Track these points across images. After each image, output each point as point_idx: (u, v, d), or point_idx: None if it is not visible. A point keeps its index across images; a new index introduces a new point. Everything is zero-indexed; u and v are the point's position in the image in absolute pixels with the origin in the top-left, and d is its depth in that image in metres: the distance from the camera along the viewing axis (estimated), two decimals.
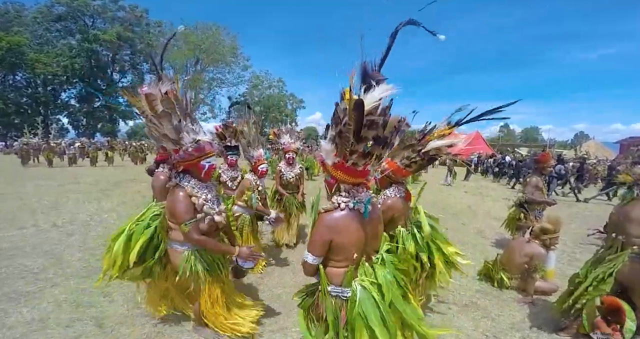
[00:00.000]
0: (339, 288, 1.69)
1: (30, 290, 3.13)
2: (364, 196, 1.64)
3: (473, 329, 2.80)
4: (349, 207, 1.61)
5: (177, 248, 2.22)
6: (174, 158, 2.10)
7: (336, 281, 1.69)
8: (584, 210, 9.06)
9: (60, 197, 7.88)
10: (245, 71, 41.22)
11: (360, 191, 1.65)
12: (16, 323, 2.59)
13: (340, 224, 1.60)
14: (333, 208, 1.63)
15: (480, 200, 10.06)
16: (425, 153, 2.54)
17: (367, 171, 1.58)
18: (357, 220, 1.62)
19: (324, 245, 1.63)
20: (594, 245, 5.38)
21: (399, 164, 2.65)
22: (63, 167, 16.08)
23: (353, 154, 1.49)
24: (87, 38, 38.51)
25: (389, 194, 2.68)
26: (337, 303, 1.69)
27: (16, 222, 5.51)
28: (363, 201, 1.63)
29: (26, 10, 39.64)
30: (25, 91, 39.16)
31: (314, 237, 1.65)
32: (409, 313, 1.68)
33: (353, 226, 1.61)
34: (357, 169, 1.54)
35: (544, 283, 3.47)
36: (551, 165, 4.72)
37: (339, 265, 1.67)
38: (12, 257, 3.95)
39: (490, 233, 5.88)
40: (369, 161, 1.52)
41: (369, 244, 1.72)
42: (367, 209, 1.63)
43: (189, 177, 2.16)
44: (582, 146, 29.84)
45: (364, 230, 1.64)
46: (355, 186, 1.65)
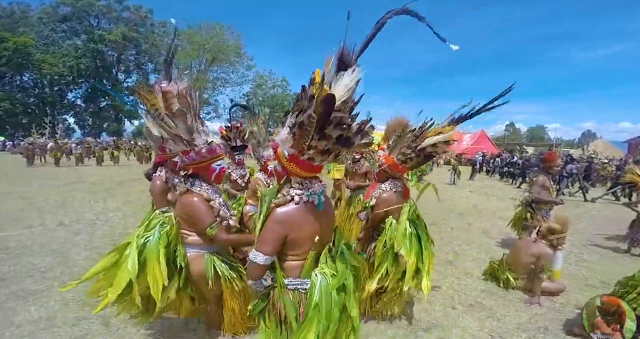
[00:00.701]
0: (297, 280, 1.58)
1: (38, 289, 3.17)
2: (317, 188, 1.57)
3: (479, 330, 2.78)
4: (302, 200, 1.52)
5: (197, 252, 2.13)
6: (183, 160, 2.02)
7: (293, 273, 1.59)
8: (592, 210, 8.96)
9: (67, 197, 7.96)
10: (249, 71, 41.33)
11: (313, 183, 1.57)
12: (24, 322, 2.62)
13: (295, 219, 1.52)
14: (285, 202, 1.53)
15: (486, 199, 10.00)
16: (421, 150, 2.53)
17: (321, 166, 1.53)
18: (311, 213, 1.55)
19: (278, 242, 1.52)
20: (601, 246, 5.33)
21: (395, 159, 2.65)
22: (69, 166, 16.24)
23: (311, 149, 1.40)
24: (93, 38, 38.87)
25: (384, 187, 2.70)
26: (295, 297, 1.58)
27: (23, 221, 5.58)
28: (317, 193, 1.56)
29: (32, 11, 40.12)
30: (32, 91, 39.65)
31: (265, 234, 1.53)
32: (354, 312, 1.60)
33: (308, 219, 1.54)
34: (313, 164, 1.47)
35: (551, 283, 3.44)
36: (558, 164, 4.65)
37: (296, 258, 1.58)
38: (19, 256, 3.99)
39: (496, 233, 5.84)
40: (326, 157, 1.45)
41: (324, 236, 1.64)
42: (320, 201, 1.57)
43: (200, 181, 2.08)
44: (590, 145, 29.46)
45: (319, 222, 1.58)
46: (308, 179, 1.57)
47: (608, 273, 4.12)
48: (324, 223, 1.62)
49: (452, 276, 3.82)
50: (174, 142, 1.94)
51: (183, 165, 2.06)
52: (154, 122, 2.00)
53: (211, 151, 2.04)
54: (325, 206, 1.63)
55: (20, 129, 37.96)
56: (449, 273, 3.90)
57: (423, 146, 2.51)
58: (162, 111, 1.86)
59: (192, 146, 1.97)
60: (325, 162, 1.50)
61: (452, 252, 4.66)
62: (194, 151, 1.98)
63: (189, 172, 2.09)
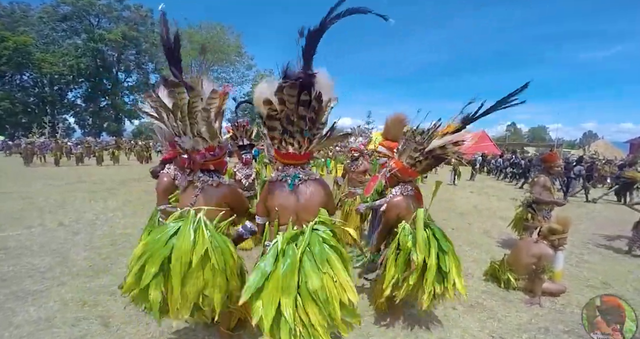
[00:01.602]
0: (268, 242, 2.03)
1: (37, 289, 3.16)
2: (291, 172, 2.01)
3: (479, 330, 2.77)
4: (278, 179, 2.03)
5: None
6: (206, 157, 2.04)
7: (270, 237, 2.07)
8: (593, 210, 8.93)
9: (67, 197, 7.95)
10: (249, 70, 41.34)
11: (289, 168, 2.03)
12: (23, 322, 2.61)
13: (270, 191, 2.05)
14: (270, 180, 2.11)
15: (486, 200, 9.98)
16: (430, 152, 2.49)
17: (292, 154, 1.95)
18: (283, 190, 2.01)
19: (262, 206, 2.13)
20: (602, 247, 5.32)
21: (404, 163, 2.62)
22: (70, 166, 16.23)
23: (273, 140, 1.93)
24: (93, 38, 38.82)
25: (395, 192, 2.68)
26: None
27: (23, 221, 5.57)
28: (290, 176, 2.00)
29: (32, 10, 40.06)
30: (32, 91, 39.61)
31: (259, 200, 2.22)
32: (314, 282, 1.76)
33: (279, 194, 2.01)
34: (281, 151, 1.96)
35: (552, 284, 3.43)
36: (559, 165, 4.63)
37: (271, 224, 2.07)
38: (19, 256, 3.98)
39: (497, 233, 5.82)
40: (286, 146, 1.92)
41: (300, 214, 2.00)
42: (292, 183, 1.99)
43: (219, 174, 2.19)
44: (591, 145, 29.39)
45: (288, 199, 1.99)
46: (286, 165, 2.03)
47: (609, 274, 4.11)
48: (297, 201, 2.00)
49: None
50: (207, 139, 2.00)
51: (203, 161, 2.06)
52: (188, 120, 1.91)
53: (226, 146, 2.22)
54: (302, 189, 2.01)
55: (20, 129, 37.94)
56: None
57: (431, 148, 2.48)
58: (214, 110, 1.94)
59: (220, 143, 2.09)
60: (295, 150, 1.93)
61: None
62: (219, 147, 2.08)
63: (211, 167, 2.13)
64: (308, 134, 1.88)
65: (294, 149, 1.93)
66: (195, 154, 2.02)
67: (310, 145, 1.95)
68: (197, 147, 2.00)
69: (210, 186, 2.10)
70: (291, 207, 1.98)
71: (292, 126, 1.83)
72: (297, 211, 1.99)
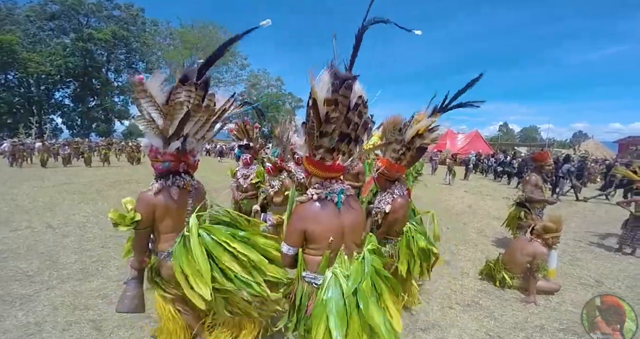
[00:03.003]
0: (312, 274, 1.71)
1: (25, 293, 3.06)
2: (337, 188, 1.69)
3: (476, 329, 2.78)
4: (320, 197, 1.66)
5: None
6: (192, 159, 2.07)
7: (311, 267, 1.72)
8: (584, 209, 9.10)
9: (55, 198, 7.77)
10: (243, 70, 41.17)
11: (332, 183, 1.70)
12: (11, 327, 2.53)
13: (313, 214, 1.65)
14: (307, 200, 1.68)
15: (480, 199, 10.08)
16: (410, 143, 2.50)
17: (338, 166, 1.63)
18: (330, 210, 1.66)
19: (298, 235, 1.68)
20: (594, 245, 5.41)
21: (389, 159, 2.63)
22: (57, 167, 15.88)
23: (319, 149, 1.58)
24: (82, 37, 38.14)
25: (397, 193, 2.66)
26: (308, 289, 1.72)
27: (9, 223, 5.40)
28: (335, 192, 1.67)
29: (19, 9, 39.18)
30: (17, 91, 38.57)
31: (289, 227, 1.75)
32: (376, 318, 1.60)
33: (325, 216, 1.65)
34: (325, 163, 1.61)
35: (546, 282, 3.47)
36: (550, 163, 4.70)
37: (315, 253, 1.70)
38: (5, 259, 3.86)
39: (491, 232, 5.88)
40: (336, 156, 1.60)
41: (348, 236, 1.72)
42: (340, 200, 1.67)
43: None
44: (581, 145, 29.95)
45: (338, 220, 1.67)
46: (328, 179, 1.69)
47: (602, 272, 4.18)
48: (346, 222, 1.70)
49: (448, 276, 3.82)
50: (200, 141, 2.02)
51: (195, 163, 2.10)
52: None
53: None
54: (348, 207, 1.72)
55: (5, 129, 37.01)
56: (446, 273, 3.90)
57: (409, 138, 2.49)
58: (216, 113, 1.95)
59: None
60: (339, 161, 1.62)
61: (448, 252, 4.67)
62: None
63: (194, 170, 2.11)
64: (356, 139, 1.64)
65: (343, 159, 1.64)
66: (190, 155, 1.99)
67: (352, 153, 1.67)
68: (192, 148, 1.97)
69: (197, 188, 2.10)
70: (340, 231, 1.69)
71: (351, 131, 1.56)
72: (345, 234, 1.71)
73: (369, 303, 1.62)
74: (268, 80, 42.10)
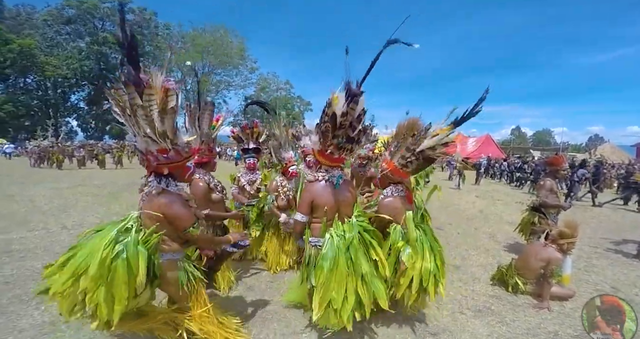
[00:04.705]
0: (316, 239, 2.34)
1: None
2: (336, 173, 2.37)
3: (488, 335, 2.73)
4: (325, 179, 2.35)
5: (172, 258, 2.03)
6: (158, 160, 1.89)
7: (316, 233, 2.36)
8: (599, 214, 8.85)
9: (70, 200, 7.95)
10: (252, 73, 41.53)
11: (334, 170, 2.37)
12: (27, 326, 2.59)
13: (318, 190, 2.33)
14: (314, 179, 2.38)
15: (492, 204, 9.90)
16: (420, 153, 2.51)
17: (340, 158, 2.31)
18: (330, 189, 2.34)
19: (307, 205, 2.34)
20: (610, 251, 5.26)
21: (396, 164, 2.62)
22: (72, 169, 16.26)
23: (330, 146, 2.23)
24: (97, 41, 39.10)
25: (386, 193, 2.71)
26: (314, 252, 2.32)
27: (27, 224, 5.56)
28: (335, 176, 2.35)
29: (37, 13, 40.41)
30: (35, 94, 39.77)
31: (302, 200, 2.42)
32: (364, 267, 2.22)
33: (327, 192, 2.32)
34: (333, 156, 2.28)
35: (560, 288, 3.39)
36: (565, 168, 4.60)
37: (317, 221, 2.36)
38: (22, 259, 3.97)
39: (503, 237, 5.77)
40: (342, 152, 2.27)
41: (343, 210, 2.38)
42: (338, 182, 2.35)
43: (173, 181, 2.00)
44: (597, 149, 29.22)
45: (335, 196, 2.33)
46: (332, 167, 2.36)
47: (618, 278, 4.07)
48: (341, 198, 2.37)
49: (459, 281, 3.77)
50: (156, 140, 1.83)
51: (156, 164, 1.90)
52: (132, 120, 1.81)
53: (190, 150, 2.04)
54: (343, 188, 2.39)
55: (23, 132, 38.09)
56: (457, 278, 3.85)
57: (421, 149, 2.49)
58: (155, 107, 1.77)
59: (174, 145, 1.89)
60: (344, 155, 2.30)
61: (459, 257, 4.61)
62: (174, 150, 1.90)
63: (165, 172, 1.94)
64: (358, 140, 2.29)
65: (345, 155, 2.29)
66: (149, 155, 1.88)
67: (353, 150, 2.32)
68: (148, 148, 1.86)
69: (151, 193, 1.94)
70: (336, 204, 2.33)
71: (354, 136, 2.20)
72: (340, 207, 2.36)
73: (358, 254, 2.22)
74: (277, 83, 42.34)
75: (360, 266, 2.20)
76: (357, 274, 2.19)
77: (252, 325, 2.70)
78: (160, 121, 1.79)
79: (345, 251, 2.19)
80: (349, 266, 2.18)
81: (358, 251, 2.22)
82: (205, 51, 36.64)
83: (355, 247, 2.22)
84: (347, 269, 2.17)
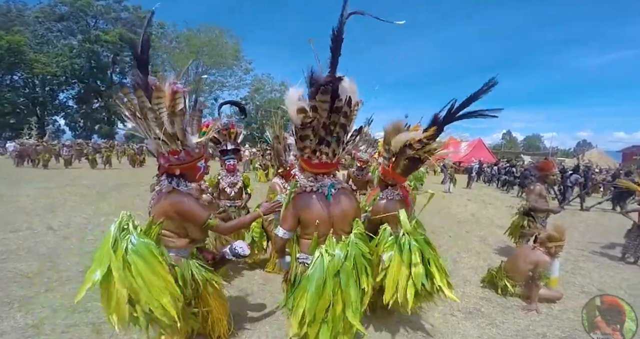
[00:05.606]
0: (304, 255, 2.01)
1: (24, 294, 3.04)
2: (327, 182, 1.98)
3: (478, 336, 2.76)
4: (313, 190, 1.97)
5: (176, 255, 2.04)
6: (170, 161, 1.94)
7: (305, 249, 2.02)
8: (587, 218, 9.04)
9: (56, 200, 7.77)
10: (247, 74, 41.34)
11: (324, 178, 1.99)
12: (9, 329, 2.51)
13: (305, 203, 1.96)
14: (301, 191, 2.00)
15: (483, 208, 10.02)
16: (400, 152, 2.49)
17: (324, 163, 1.92)
18: (320, 201, 1.95)
19: (292, 220, 2.00)
20: (596, 254, 5.37)
21: (384, 166, 2.67)
22: (59, 169, 15.92)
23: (305, 149, 1.89)
24: (89, 38, 38.35)
25: (381, 195, 2.72)
26: (301, 269, 2.00)
27: (10, 225, 5.39)
28: (326, 185, 1.96)
29: (28, 10, 39.52)
30: (22, 91, 38.82)
31: (285, 213, 2.06)
32: (352, 295, 1.85)
33: (317, 205, 1.95)
34: (312, 161, 1.92)
35: (548, 290, 3.44)
36: (554, 173, 4.68)
37: (307, 237, 2.00)
38: (5, 261, 3.85)
39: (494, 241, 5.84)
40: (320, 156, 1.89)
41: (336, 224, 1.99)
42: (329, 192, 1.95)
43: (184, 181, 2.04)
44: (585, 154, 29.82)
45: (327, 209, 1.95)
46: (320, 174, 1.98)
47: (604, 281, 4.15)
48: (336, 211, 1.98)
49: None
50: (168, 142, 1.88)
51: (167, 165, 1.95)
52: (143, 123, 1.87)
53: (200, 151, 2.05)
54: (339, 199, 2.00)
55: (8, 130, 37.15)
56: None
57: (396, 147, 2.48)
58: (165, 110, 1.81)
59: (185, 146, 1.95)
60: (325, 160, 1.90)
61: (450, 260, 4.63)
62: (185, 151, 1.95)
63: (177, 172, 1.98)
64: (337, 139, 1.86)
65: (327, 158, 1.90)
66: (160, 157, 1.95)
67: (341, 152, 1.95)
68: (160, 150, 1.93)
69: (161, 191, 1.99)
70: (329, 218, 1.96)
71: (327, 134, 1.81)
72: (334, 222, 1.98)
73: (349, 282, 1.86)
74: (272, 85, 42.19)
75: (350, 295, 1.85)
76: (343, 304, 1.86)
77: (244, 328, 2.67)
78: (170, 123, 1.83)
79: (333, 275, 1.83)
80: (336, 294, 1.83)
81: (350, 278, 1.86)
82: (200, 51, 36.34)
83: (348, 274, 1.85)
84: (332, 297, 1.82)
